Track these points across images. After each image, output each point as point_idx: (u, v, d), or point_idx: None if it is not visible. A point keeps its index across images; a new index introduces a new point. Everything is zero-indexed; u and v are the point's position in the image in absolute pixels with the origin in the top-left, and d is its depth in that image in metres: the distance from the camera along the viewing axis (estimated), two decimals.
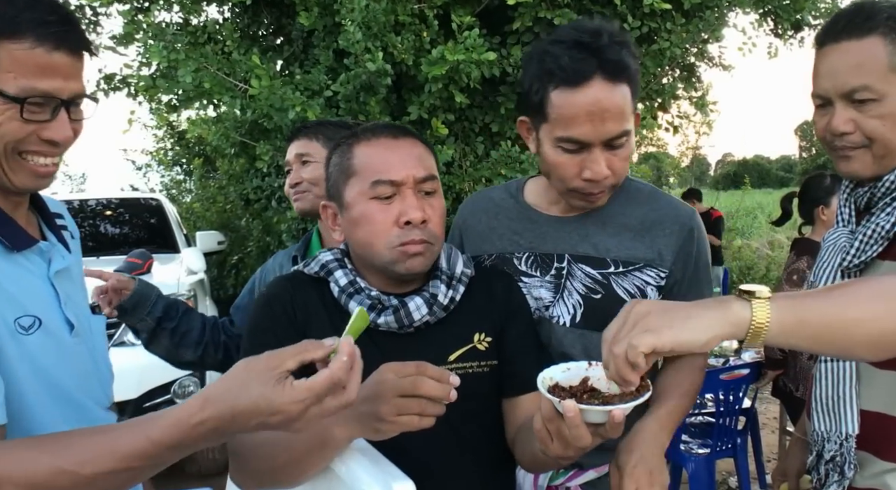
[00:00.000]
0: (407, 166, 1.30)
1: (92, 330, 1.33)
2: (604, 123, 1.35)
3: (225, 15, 5.63)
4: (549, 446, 1.09)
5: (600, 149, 1.38)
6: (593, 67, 1.33)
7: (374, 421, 1.07)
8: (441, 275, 1.38)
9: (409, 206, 1.29)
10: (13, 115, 1.09)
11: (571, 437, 1.03)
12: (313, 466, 1.14)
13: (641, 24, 4.56)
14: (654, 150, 17.50)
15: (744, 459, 3.68)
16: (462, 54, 3.92)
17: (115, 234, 5.96)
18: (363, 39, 3.95)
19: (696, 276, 1.53)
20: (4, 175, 1.13)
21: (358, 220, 1.32)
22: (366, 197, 1.30)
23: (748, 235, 14.10)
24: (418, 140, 1.37)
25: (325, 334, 1.29)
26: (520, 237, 1.59)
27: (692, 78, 5.90)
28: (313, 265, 1.39)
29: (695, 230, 1.53)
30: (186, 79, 4.11)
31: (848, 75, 1.25)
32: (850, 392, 1.34)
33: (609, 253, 1.51)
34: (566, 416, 1.01)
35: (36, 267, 1.21)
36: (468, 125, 4.70)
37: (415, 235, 1.29)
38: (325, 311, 1.35)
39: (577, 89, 1.34)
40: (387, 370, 1.08)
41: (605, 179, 1.41)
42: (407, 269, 1.31)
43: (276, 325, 1.33)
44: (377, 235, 1.30)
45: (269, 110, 4.09)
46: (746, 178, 14.88)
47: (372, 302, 1.32)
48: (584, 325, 1.50)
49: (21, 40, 1.07)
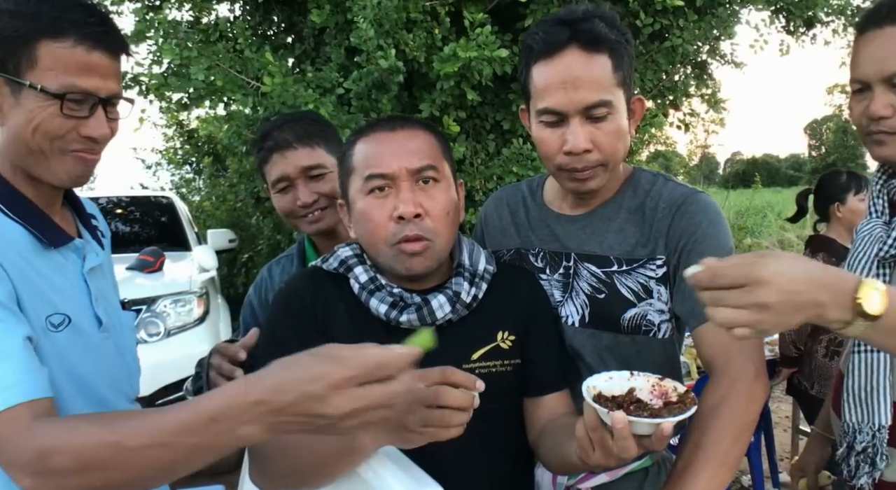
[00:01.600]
0: (399, 158, 1.27)
1: (122, 325, 1.35)
2: (577, 91, 1.32)
3: (236, 13, 5.64)
4: (591, 455, 1.07)
5: (579, 120, 1.34)
6: (565, 37, 1.33)
7: (401, 431, 1.05)
8: (464, 271, 1.36)
9: (401, 200, 1.26)
10: (54, 111, 1.14)
11: (618, 449, 1.02)
12: (339, 472, 1.13)
13: (654, 21, 4.55)
14: (663, 149, 17.42)
15: (757, 458, 3.66)
16: (474, 51, 3.91)
17: (127, 233, 5.98)
18: (375, 37, 3.94)
19: (695, 247, 1.38)
20: (48, 169, 1.18)
21: (359, 217, 1.31)
22: (363, 193, 1.29)
23: (758, 234, 14.03)
24: (419, 129, 1.33)
25: (346, 332, 1.28)
26: (534, 234, 1.58)
27: (704, 75, 5.88)
28: (332, 261, 1.37)
29: (683, 204, 1.42)
30: (199, 76, 4.11)
31: (891, 60, 1.24)
32: (884, 383, 1.32)
33: (613, 250, 1.47)
34: (615, 427, 0.99)
35: (71, 264, 1.24)
36: (480, 123, 4.69)
37: (409, 231, 1.26)
38: (346, 308, 1.33)
39: (551, 60, 1.35)
40: (412, 378, 1.04)
41: (587, 154, 1.36)
42: (407, 269, 1.29)
43: (296, 322, 1.31)
44: (375, 232, 1.28)
45: (282, 108, 4.09)
46: (757, 176, 14.79)
47: (394, 299, 1.30)
48: (593, 326, 1.48)
49: (63, 40, 1.12)
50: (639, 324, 1.44)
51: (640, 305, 1.44)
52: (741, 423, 1.27)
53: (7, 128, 1.16)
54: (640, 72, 4.76)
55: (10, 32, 1.11)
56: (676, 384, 1.11)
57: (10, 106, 1.15)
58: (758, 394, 1.30)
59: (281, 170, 1.75)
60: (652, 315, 1.44)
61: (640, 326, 1.44)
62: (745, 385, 1.29)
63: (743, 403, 1.28)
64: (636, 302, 1.44)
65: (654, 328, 1.45)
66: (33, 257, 1.16)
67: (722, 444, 1.25)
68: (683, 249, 1.40)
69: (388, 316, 1.29)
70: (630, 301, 1.44)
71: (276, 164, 1.76)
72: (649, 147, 14.74)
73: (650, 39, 4.70)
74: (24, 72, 1.12)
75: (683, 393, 1.09)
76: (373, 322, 1.32)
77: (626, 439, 1.00)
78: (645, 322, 1.44)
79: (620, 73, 1.35)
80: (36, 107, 1.13)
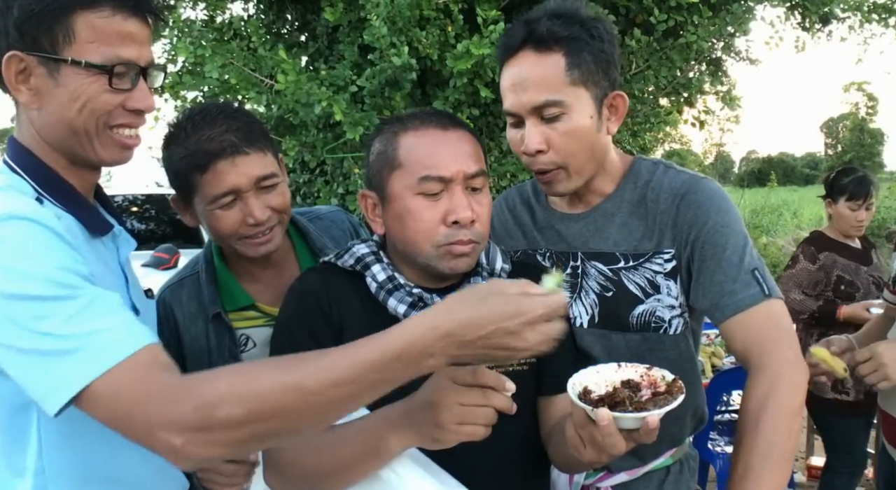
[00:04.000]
0: (457, 161, 1.23)
1: (148, 314, 1.34)
2: (525, 92, 1.33)
3: (249, 12, 5.67)
4: (582, 452, 1.08)
5: (533, 121, 1.34)
6: (519, 40, 1.33)
7: (433, 429, 1.03)
8: (482, 271, 1.34)
9: (457, 204, 1.23)
10: (102, 85, 1.09)
11: (605, 445, 1.03)
12: (361, 475, 1.11)
13: (668, 18, 4.53)
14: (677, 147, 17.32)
15: None
16: (487, 49, 3.91)
17: (142, 230, 6.03)
18: (388, 34, 3.95)
19: (708, 239, 1.36)
20: (93, 150, 1.13)
21: (402, 215, 1.25)
22: (412, 192, 1.23)
23: (773, 233, 13.94)
24: (467, 131, 1.30)
25: (362, 330, 1.27)
26: (540, 235, 1.56)
27: (719, 72, 5.84)
28: (347, 258, 1.34)
29: (687, 193, 1.40)
30: (213, 74, 4.13)
31: None
32: None
33: (618, 247, 1.45)
34: (600, 424, 1.00)
35: (110, 252, 1.23)
36: (492, 120, 4.69)
37: (462, 236, 1.23)
38: (361, 306, 1.30)
39: (508, 63, 1.36)
40: (443, 376, 1.04)
41: (540, 155, 1.35)
42: (451, 269, 1.26)
43: (311, 321, 1.28)
44: (422, 234, 1.24)
45: (295, 105, 4.10)
46: (773, 174, 14.68)
47: (413, 299, 1.27)
48: (603, 326, 1.46)
49: (100, 9, 1.07)
50: (648, 321, 1.43)
51: (648, 301, 1.42)
52: (791, 415, 1.26)
53: (45, 112, 1.10)
54: (655, 69, 4.73)
55: (41, 6, 1.04)
56: (665, 373, 1.12)
57: (48, 88, 1.08)
58: (800, 381, 1.29)
59: (232, 181, 1.39)
60: (661, 311, 1.43)
61: (649, 323, 1.43)
62: (787, 375, 1.28)
63: (789, 394, 1.27)
64: (644, 298, 1.43)
65: (664, 324, 1.43)
66: (84, 246, 1.13)
67: (776, 442, 1.24)
68: (696, 242, 1.38)
69: (408, 316, 1.25)
70: (638, 297, 1.43)
71: (222, 173, 1.39)
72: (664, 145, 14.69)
73: (664, 36, 4.67)
74: (61, 48, 1.06)
75: (671, 381, 1.10)
76: (390, 320, 1.29)
77: (612, 435, 1.01)
78: (654, 319, 1.43)
79: (577, 70, 1.32)
80: (80, 84, 1.07)
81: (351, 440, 1.09)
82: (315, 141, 4.64)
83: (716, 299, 1.35)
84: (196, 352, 1.54)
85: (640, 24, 4.70)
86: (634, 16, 4.74)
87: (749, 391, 1.30)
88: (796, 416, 1.27)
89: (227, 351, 1.53)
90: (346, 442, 1.08)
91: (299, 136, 4.60)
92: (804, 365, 1.32)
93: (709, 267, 1.36)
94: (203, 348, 1.54)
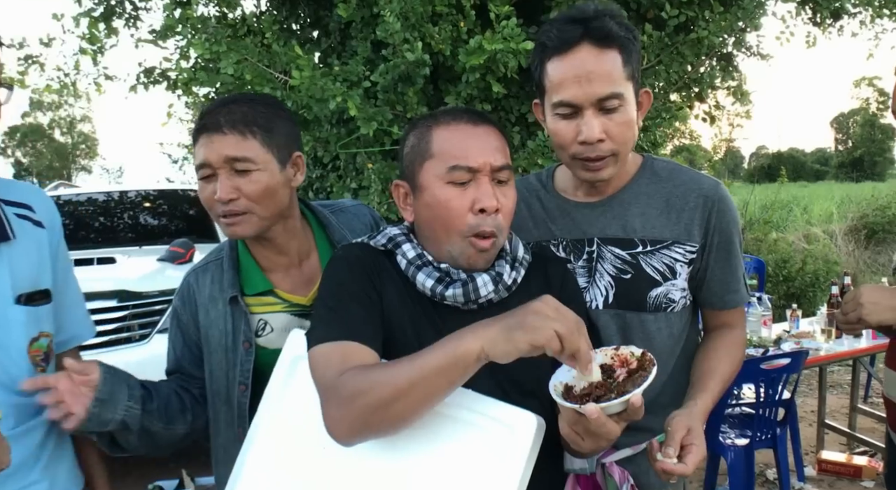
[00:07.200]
0: (485, 153, 1.31)
1: (4, 321, 1.34)
2: (591, 84, 1.40)
3: (262, 8, 5.71)
4: (581, 444, 1.15)
5: (593, 112, 1.42)
6: (578, 34, 1.41)
7: (518, 326, 1.06)
8: (506, 255, 1.39)
9: (483, 193, 1.29)
10: None
11: (601, 433, 1.10)
12: (437, 391, 1.11)
13: (679, 13, 4.54)
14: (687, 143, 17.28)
15: (783, 451, 3.65)
16: (499, 44, 3.93)
17: (156, 225, 6.08)
18: (401, 30, 3.98)
19: (725, 246, 1.57)
20: None
21: (432, 204, 1.32)
22: (442, 181, 1.31)
23: (784, 229, 13.90)
24: (496, 128, 1.37)
25: (397, 304, 1.33)
26: (553, 225, 1.62)
27: (730, 67, 5.84)
28: (380, 238, 1.40)
29: (718, 201, 1.55)
30: (228, 71, 4.17)
31: None
32: None
33: (636, 233, 1.55)
34: (590, 418, 1.07)
35: None
36: (505, 115, 4.71)
37: (486, 225, 1.29)
38: (393, 282, 1.36)
39: (565, 56, 1.42)
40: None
41: (600, 143, 1.44)
42: (469, 264, 1.33)
43: (362, 280, 1.33)
44: (451, 220, 1.30)
45: (310, 101, 4.14)
46: (783, 169, 14.63)
47: (440, 275, 1.33)
48: (617, 306, 1.55)
49: None
50: (661, 302, 1.55)
51: (665, 285, 1.55)
52: (743, 353, 1.67)
53: None
54: (666, 64, 4.74)
55: None
56: (632, 349, 1.18)
57: None
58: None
59: (203, 155, 1.50)
60: (673, 293, 1.56)
61: (661, 304, 1.56)
62: (745, 339, 1.71)
63: (744, 345, 1.69)
64: (662, 281, 1.55)
65: (674, 305, 1.57)
66: None
67: (736, 357, 1.62)
68: (718, 245, 1.57)
69: (434, 290, 1.32)
70: (656, 280, 1.54)
71: (201, 146, 1.51)
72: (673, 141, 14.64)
73: (676, 31, 4.68)
74: None
75: (640, 356, 1.16)
76: (419, 297, 1.35)
77: (604, 425, 1.08)
78: (666, 300, 1.56)
79: (629, 67, 1.43)
80: None
81: (429, 350, 1.11)
82: (329, 136, 4.68)
83: (721, 294, 1.61)
84: (215, 333, 1.60)
85: (651, 19, 4.71)
86: (646, 11, 4.75)
87: (722, 327, 1.65)
88: (742, 359, 1.66)
89: (243, 334, 1.57)
90: (424, 353, 1.11)
91: (313, 131, 4.64)
92: None
93: (721, 267, 1.58)
94: (221, 330, 1.59)
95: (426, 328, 1.32)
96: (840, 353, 4.06)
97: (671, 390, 1.56)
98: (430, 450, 1.18)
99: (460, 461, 1.16)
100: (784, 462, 3.65)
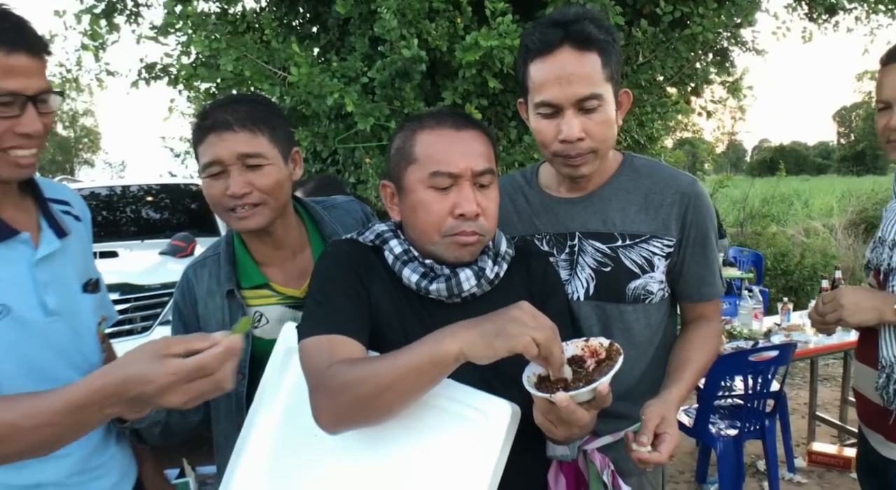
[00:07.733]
0: (467, 159, 1.35)
1: (79, 309, 1.42)
2: (571, 86, 1.47)
3: (261, 4, 5.75)
4: (555, 432, 1.21)
5: (573, 111, 1.48)
6: (559, 38, 1.47)
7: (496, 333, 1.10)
8: (488, 251, 1.44)
9: (464, 198, 1.34)
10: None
11: (572, 421, 1.15)
12: (416, 387, 1.16)
13: (674, 9, 4.57)
14: (689, 136, 17.28)
15: (772, 442, 3.71)
16: (496, 40, 3.98)
17: (158, 219, 6.13)
18: (398, 27, 4.02)
19: (701, 240, 1.63)
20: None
21: (415, 206, 1.37)
22: (424, 185, 1.35)
23: (783, 222, 13.92)
24: (480, 131, 1.41)
25: (384, 299, 1.38)
26: (537, 220, 1.69)
27: (725, 62, 5.88)
28: (368, 234, 1.45)
29: (694, 197, 1.61)
30: (227, 67, 4.22)
31: None
32: None
33: (616, 227, 1.61)
34: (560, 406, 1.13)
35: (18, 254, 1.33)
36: (501, 110, 4.76)
37: (467, 227, 1.34)
38: (381, 278, 1.41)
39: (547, 58, 1.49)
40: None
41: (580, 142, 1.50)
42: (455, 258, 1.37)
43: (351, 276, 1.38)
44: (431, 224, 1.35)
45: (308, 97, 4.18)
46: (782, 163, 14.64)
47: (425, 270, 1.38)
48: (598, 297, 1.62)
49: None
50: (640, 294, 1.61)
51: (644, 277, 1.61)
52: (718, 344, 1.73)
53: None
54: (661, 59, 4.78)
55: None
56: (601, 340, 1.25)
57: None
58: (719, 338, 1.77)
59: (214, 153, 1.54)
60: (651, 285, 1.62)
61: (640, 296, 1.62)
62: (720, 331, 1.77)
63: (719, 336, 1.75)
64: (640, 274, 1.61)
65: (652, 296, 1.63)
66: None
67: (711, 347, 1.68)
68: (694, 240, 1.63)
69: (419, 285, 1.37)
70: (635, 273, 1.61)
71: (210, 145, 1.55)
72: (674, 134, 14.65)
73: (670, 27, 4.72)
74: None
75: (608, 346, 1.23)
76: (405, 291, 1.40)
77: (574, 412, 1.14)
78: (644, 292, 1.62)
79: (608, 69, 1.50)
80: None
81: (410, 348, 1.15)
82: (327, 131, 4.73)
83: (697, 287, 1.68)
84: (213, 325, 1.66)
85: (646, 15, 4.75)
86: (641, 7, 4.79)
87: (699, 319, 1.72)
88: (717, 351, 1.73)
89: None
90: (405, 351, 1.15)
91: (311, 126, 4.69)
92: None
93: (697, 261, 1.65)
94: (219, 322, 1.65)
95: (412, 321, 1.37)
96: (829, 346, 4.11)
97: (650, 379, 1.62)
98: (412, 436, 1.24)
99: (440, 447, 1.22)
100: (773, 452, 3.71)
